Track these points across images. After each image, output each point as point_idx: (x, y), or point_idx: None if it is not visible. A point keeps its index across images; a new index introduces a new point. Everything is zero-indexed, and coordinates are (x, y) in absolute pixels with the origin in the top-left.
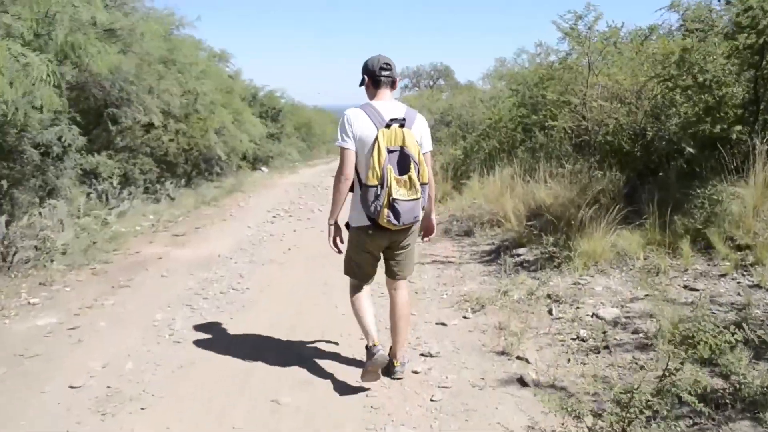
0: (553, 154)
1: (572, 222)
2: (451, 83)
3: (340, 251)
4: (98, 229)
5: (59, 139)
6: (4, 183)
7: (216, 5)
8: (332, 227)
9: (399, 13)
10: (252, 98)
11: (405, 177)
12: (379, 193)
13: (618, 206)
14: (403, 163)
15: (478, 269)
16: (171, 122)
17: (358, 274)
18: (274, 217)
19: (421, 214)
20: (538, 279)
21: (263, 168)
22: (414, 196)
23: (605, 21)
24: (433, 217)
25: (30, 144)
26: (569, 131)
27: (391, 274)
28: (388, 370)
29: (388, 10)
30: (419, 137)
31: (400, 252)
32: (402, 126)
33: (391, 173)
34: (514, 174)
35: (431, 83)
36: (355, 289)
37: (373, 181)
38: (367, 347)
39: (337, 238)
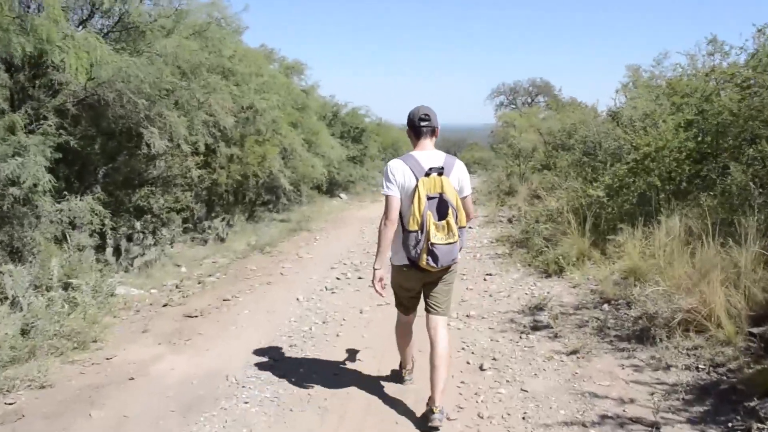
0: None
1: None
2: (553, 100)
3: (382, 296)
4: (66, 310)
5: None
6: None
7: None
8: (377, 272)
9: (493, 26)
10: (333, 117)
11: (443, 222)
12: (419, 238)
13: None
14: (442, 209)
15: None
16: (221, 146)
17: (401, 307)
18: (337, 278)
19: (458, 255)
20: None
21: (342, 195)
22: (451, 240)
23: None
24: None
25: None
26: None
27: (429, 309)
28: (426, 418)
29: (479, 24)
30: (458, 183)
31: (438, 289)
32: (440, 174)
33: (431, 219)
34: (697, 230)
35: (530, 100)
36: (401, 319)
37: (414, 227)
38: (399, 371)
39: (380, 283)
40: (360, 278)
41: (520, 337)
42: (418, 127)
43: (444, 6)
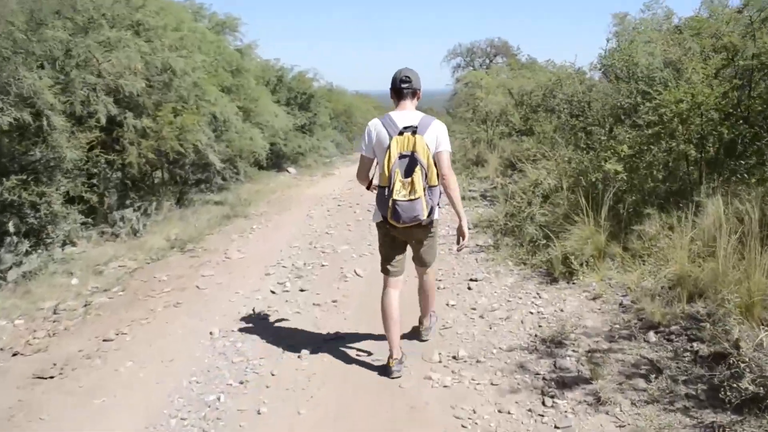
0: None
1: None
2: (513, 60)
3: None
4: None
5: None
6: None
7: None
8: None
9: None
10: (277, 81)
11: (409, 179)
12: (387, 194)
13: None
14: (411, 166)
15: None
16: (129, 117)
17: (385, 266)
18: (272, 291)
19: (424, 213)
20: None
21: (290, 169)
22: (412, 197)
23: None
24: (464, 223)
25: None
26: None
27: (414, 261)
28: (416, 335)
29: None
30: (434, 141)
31: (417, 245)
32: (414, 133)
33: (398, 176)
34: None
35: (488, 61)
36: (386, 286)
37: (384, 183)
38: (388, 360)
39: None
40: (302, 290)
41: (544, 404)
42: (399, 89)
43: None
